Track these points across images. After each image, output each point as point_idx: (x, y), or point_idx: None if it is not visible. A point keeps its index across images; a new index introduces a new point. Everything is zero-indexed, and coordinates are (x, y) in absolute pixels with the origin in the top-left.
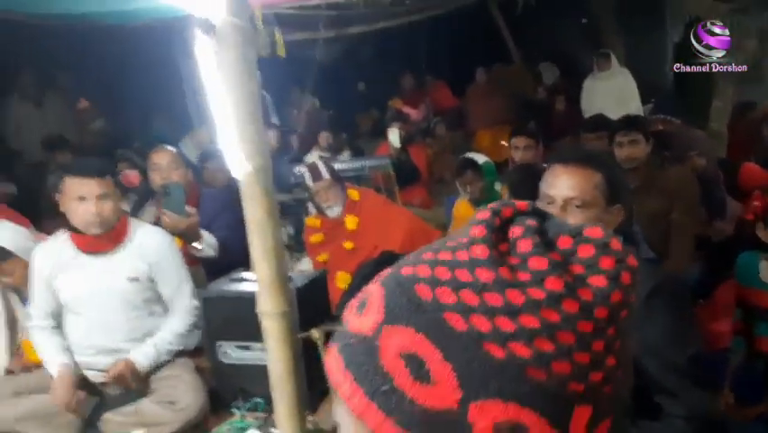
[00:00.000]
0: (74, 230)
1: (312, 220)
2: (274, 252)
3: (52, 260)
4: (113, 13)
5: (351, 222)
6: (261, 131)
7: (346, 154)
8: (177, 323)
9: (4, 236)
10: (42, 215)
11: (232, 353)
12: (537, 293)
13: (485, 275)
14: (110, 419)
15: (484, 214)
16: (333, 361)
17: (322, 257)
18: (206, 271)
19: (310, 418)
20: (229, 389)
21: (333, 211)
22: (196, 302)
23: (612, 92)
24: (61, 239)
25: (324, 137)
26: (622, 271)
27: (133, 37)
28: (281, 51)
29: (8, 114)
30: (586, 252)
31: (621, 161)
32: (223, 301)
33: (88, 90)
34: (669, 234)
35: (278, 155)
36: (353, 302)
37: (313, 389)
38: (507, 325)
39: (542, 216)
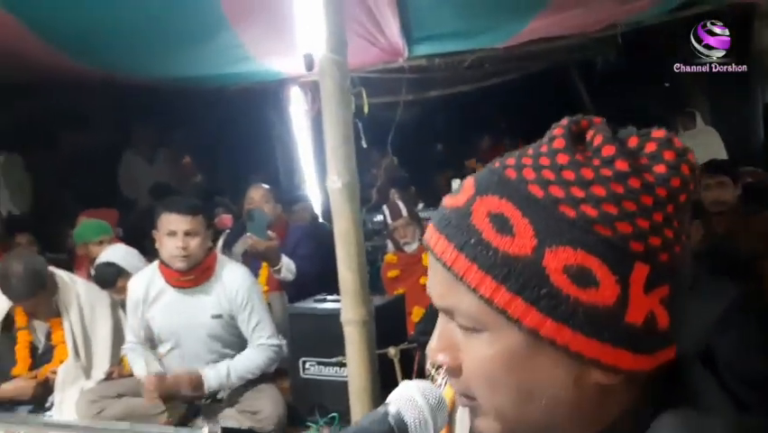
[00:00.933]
0: (165, 264)
1: (390, 256)
2: (358, 262)
3: (144, 290)
4: (216, 77)
5: (427, 258)
6: (352, 153)
7: (420, 205)
8: (256, 353)
9: (117, 255)
10: (147, 253)
11: (312, 368)
12: (606, 171)
13: (562, 159)
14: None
15: (563, 122)
16: (429, 231)
17: (398, 292)
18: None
19: None
20: (306, 404)
21: (411, 247)
22: (276, 340)
23: (697, 151)
24: (153, 269)
25: (392, 192)
26: (682, 164)
27: (232, 100)
28: (365, 109)
29: (123, 166)
30: (651, 147)
31: (708, 204)
32: (306, 318)
33: (192, 148)
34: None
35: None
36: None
37: None
38: (578, 192)
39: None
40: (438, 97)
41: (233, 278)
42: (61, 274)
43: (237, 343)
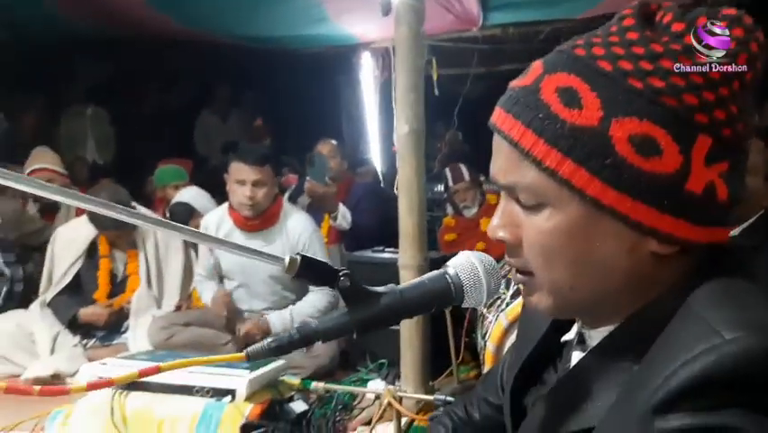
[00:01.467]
0: (234, 209)
1: (448, 219)
2: (418, 208)
3: (215, 228)
4: (292, 38)
5: (485, 224)
6: (421, 99)
7: (482, 178)
8: (316, 298)
9: (190, 196)
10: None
11: None
12: (675, 46)
13: (632, 35)
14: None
15: (633, 2)
16: (496, 113)
17: None
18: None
19: (431, 382)
20: (359, 350)
21: (470, 211)
22: None
23: None
24: (224, 210)
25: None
26: (751, 41)
27: (306, 63)
28: (435, 76)
29: (199, 124)
30: (721, 25)
31: None
32: (363, 267)
33: (264, 110)
34: None
35: None
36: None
37: (437, 361)
38: (647, 65)
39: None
40: (509, 72)
41: (296, 224)
42: (142, 209)
43: (297, 287)
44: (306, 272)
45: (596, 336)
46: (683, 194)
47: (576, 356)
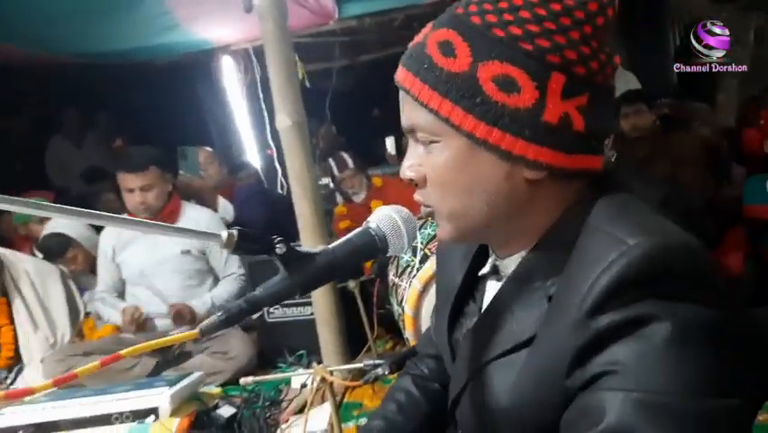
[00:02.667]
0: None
1: (340, 208)
2: (312, 196)
3: (114, 239)
4: (143, 49)
5: (376, 206)
6: (298, 91)
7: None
8: (228, 285)
9: (62, 225)
10: None
11: (277, 312)
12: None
13: None
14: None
15: None
16: (399, 70)
17: None
18: None
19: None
20: (275, 347)
21: (359, 197)
22: (242, 270)
23: (619, 90)
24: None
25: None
26: None
27: (162, 75)
28: (303, 79)
29: (50, 152)
30: None
31: (627, 131)
32: (266, 265)
33: (122, 128)
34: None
35: None
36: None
37: (352, 339)
38: (508, 16)
39: None
40: (371, 61)
41: (199, 214)
42: (5, 252)
43: (206, 280)
44: (244, 244)
45: (510, 265)
46: (541, 124)
47: (491, 285)
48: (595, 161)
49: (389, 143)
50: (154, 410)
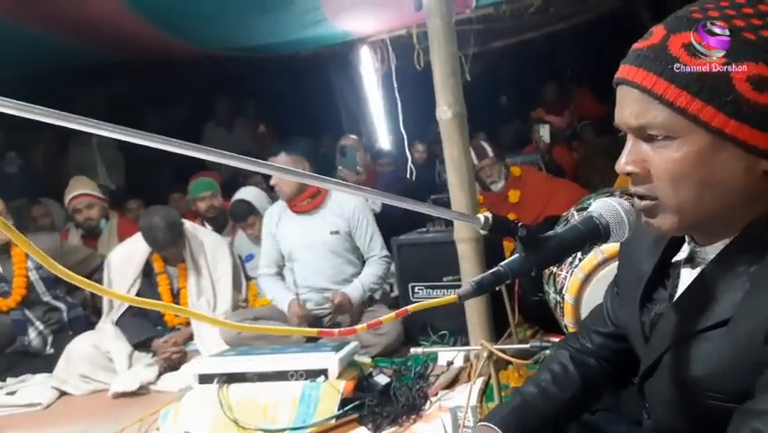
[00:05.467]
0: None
1: (478, 197)
2: (468, 184)
3: (276, 217)
4: (291, 43)
5: (513, 195)
6: (459, 85)
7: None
8: (375, 267)
9: (250, 194)
10: None
11: (421, 292)
12: None
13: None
14: None
15: None
16: (623, 69)
17: None
18: None
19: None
20: (418, 325)
21: (497, 186)
22: (386, 252)
23: None
24: (281, 203)
25: (478, 135)
26: None
27: (305, 65)
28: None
29: (206, 137)
30: None
31: None
32: (414, 247)
33: (267, 116)
34: None
35: (428, 164)
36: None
37: (496, 325)
38: (757, 21)
39: None
40: (501, 48)
41: (345, 199)
42: (188, 225)
43: (354, 259)
44: (495, 227)
45: (710, 252)
46: None
47: (685, 272)
48: None
49: (544, 131)
50: (324, 372)
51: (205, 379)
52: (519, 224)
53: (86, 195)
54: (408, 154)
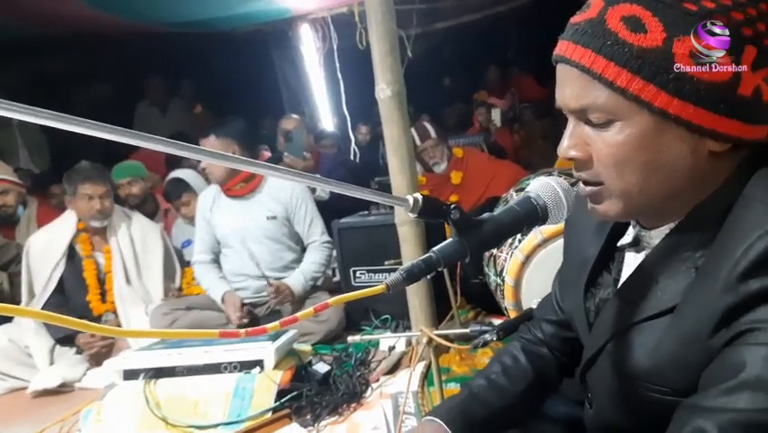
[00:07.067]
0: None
1: (420, 178)
2: (408, 166)
3: (211, 201)
4: (226, 19)
5: (456, 177)
6: (398, 62)
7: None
8: (316, 254)
9: (185, 174)
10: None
11: (363, 276)
12: None
13: None
14: None
15: None
16: (561, 45)
17: None
18: None
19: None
20: (360, 310)
21: (440, 167)
22: (327, 237)
23: None
24: (215, 186)
25: (421, 116)
26: None
27: (242, 43)
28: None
29: (138, 118)
30: None
31: None
32: (355, 231)
33: (203, 95)
34: None
35: (372, 146)
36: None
37: (439, 307)
38: None
39: None
40: (444, 30)
41: (283, 182)
42: (115, 206)
43: (293, 245)
44: (425, 210)
45: (656, 236)
46: (736, 97)
47: (630, 257)
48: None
49: (495, 114)
50: (260, 363)
51: (130, 375)
52: (452, 206)
53: (3, 180)
54: (352, 136)
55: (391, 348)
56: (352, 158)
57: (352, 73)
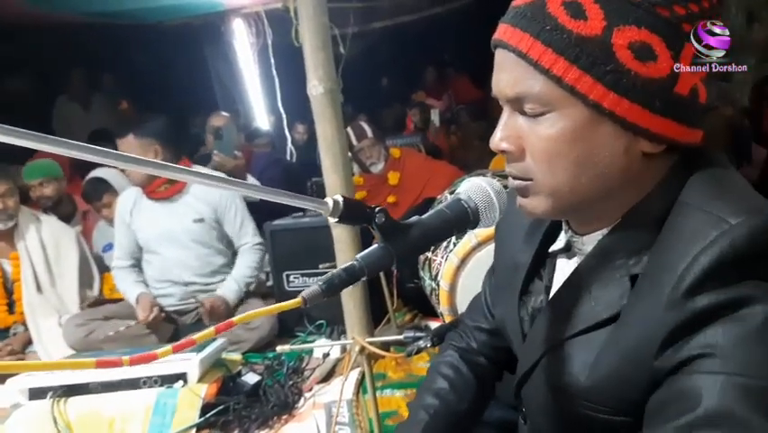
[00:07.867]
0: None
1: (357, 178)
2: (342, 164)
3: (131, 203)
4: (153, 10)
5: (393, 177)
6: (331, 58)
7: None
8: (248, 257)
9: (108, 173)
10: None
11: (296, 280)
12: None
13: None
14: None
15: None
16: (501, 28)
17: None
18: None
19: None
20: (294, 316)
21: (377, 168)
22: (259, 239)
23: None
24: (137, 188)
25: (358, 116)
26: None
27: (171, 37)
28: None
29: (57, 114)
30: None
31: None
32: (288, 233)
33: (128, 91)
34: None
35: (309, 145)
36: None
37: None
38: None
39: None
40: (381, 29)
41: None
42: (24, 210)
43: (223, 248)
44: (348, 213)
45: (588, 242)
46: (673, 96)
47: (562, 263)
48: (701, 134)
49: (435, 116)
50: (182, 376)
51: (36, 393)
52: (377, 209)
53: None
54: (288, 135)
55: (326, 355)
56: (288, 157)
57: (288, 70)
